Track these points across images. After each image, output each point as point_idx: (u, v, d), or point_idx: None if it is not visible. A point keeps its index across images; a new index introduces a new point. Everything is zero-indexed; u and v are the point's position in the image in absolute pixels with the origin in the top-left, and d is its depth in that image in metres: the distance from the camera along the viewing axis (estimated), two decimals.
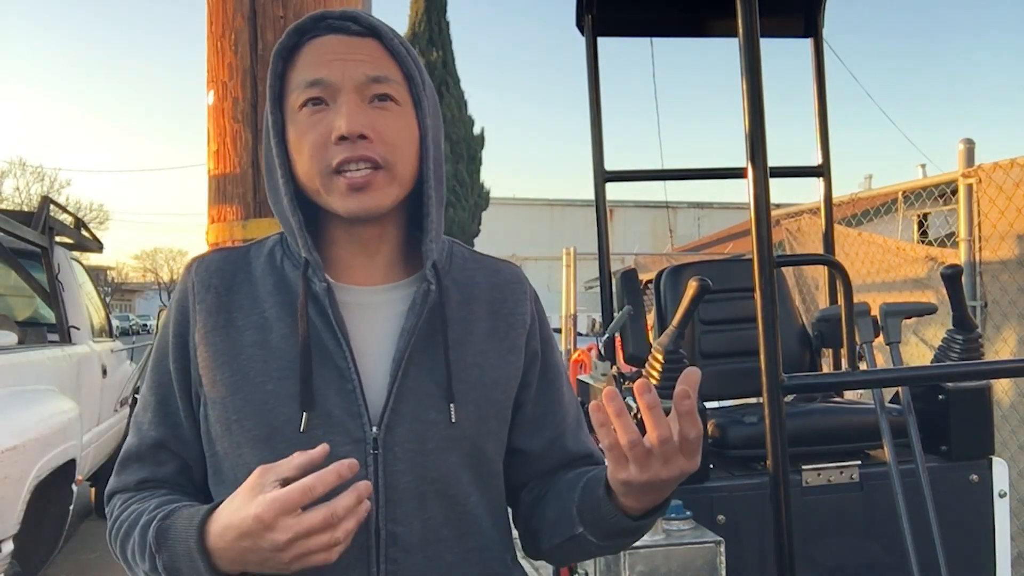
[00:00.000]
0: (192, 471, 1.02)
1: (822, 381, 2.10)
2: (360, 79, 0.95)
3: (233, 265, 1.03)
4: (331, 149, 0.93)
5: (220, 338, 0.97)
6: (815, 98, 2.87)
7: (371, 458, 0.94)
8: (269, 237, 1.08)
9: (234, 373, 0.96)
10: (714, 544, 1.70)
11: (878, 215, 5.80)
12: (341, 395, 0.95)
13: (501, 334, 1.05)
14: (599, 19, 2.79)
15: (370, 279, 1.02)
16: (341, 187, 0.94)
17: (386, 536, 0.94)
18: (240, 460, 0.95)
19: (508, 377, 1.05)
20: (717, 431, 2.15)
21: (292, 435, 0.93)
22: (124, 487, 1.02)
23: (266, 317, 0.98)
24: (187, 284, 1.03)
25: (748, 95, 1.27)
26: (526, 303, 1.10)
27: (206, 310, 0.99)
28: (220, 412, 0.96)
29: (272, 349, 0.96)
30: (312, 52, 0.96)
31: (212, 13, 2.25)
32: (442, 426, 0.97)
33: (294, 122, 0.96)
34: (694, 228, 28.23)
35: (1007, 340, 3.50)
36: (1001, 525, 2.10)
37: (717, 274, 2.25)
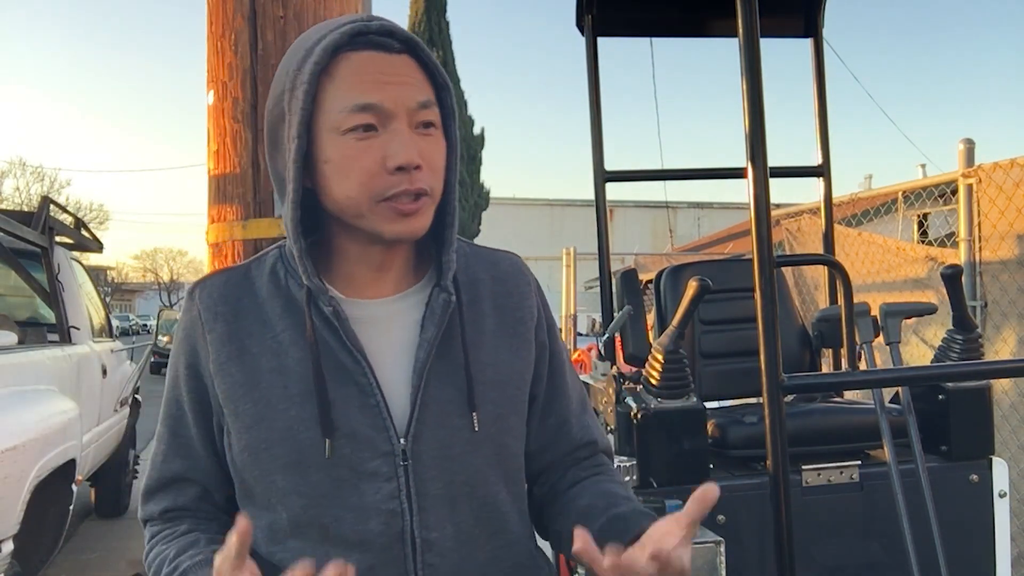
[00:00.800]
0: (213, 496, 1.04)
1: (822, 381, 2.10)
2: (412, 106, 0.93)
3: (236, 289, 1.02)
4: (385, 178, 0.92)
5: (236, 368, 0.97)
6: (815, 98, 2.87)
7: (401, 469, 0.95)
8: (268, 253, 1.06)
9: (256, 403, 0.96)
10: (714, 544, 1.70)
11: (878, 215, 5.80)
12: (364, 411, 0.95)
13: (510, 330, 1.06)
14: (599, 19, 2.79)
15: (380, 292, 1.02)
16: (390, 214, 0.94)
17: (421, 544, 0.95)
18: (273, 487, 0.96)
19: (522, 371, 1.06)
20: (717, 431, 2.15)
21: (319, 458, 0.94)
22: (151, 516, 1.05)
23: (279, 341, 0.98)
24: (192, 313, 1.02)
25: (748, 95, 1.27)
26: (530, 295, 1.10)
27: (217, 340, 0.99)
28: (247, 442, 0.97)
29: (289, 374, 0.96)
30: (353, 72, 0.93)
31: (212, 13, 2.25)
32: (465, 431, 0.98)
33: (336, 144, 0.93)
34: (694, 228, 28.22)
35: (1007, 340, 3.50)
36: (1001, 525, 2.10)
37: (717, 274, 2.25)
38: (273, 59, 2.17)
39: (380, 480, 0.95)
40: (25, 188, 32.55)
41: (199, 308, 1.01)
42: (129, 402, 5.57)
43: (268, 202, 2.17)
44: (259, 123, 2.15)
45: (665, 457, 1.96)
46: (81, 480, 3.90)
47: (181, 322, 1.04)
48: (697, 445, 1.98)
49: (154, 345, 6.69)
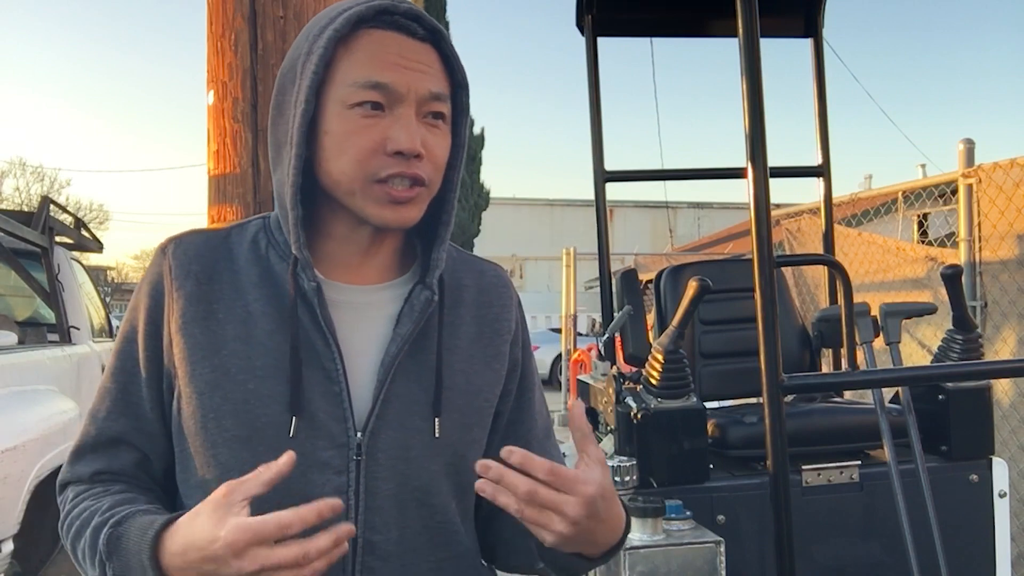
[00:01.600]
0: (151, 464, 0.97)
1: (822, 381, 2.10)
2: (424, 94, 0.92)
3: (214, 251, 0.97)
4: (383, 159, 0.90)
5: (200, 330, 0.92)
6: (815, 98, 2.87)
7: (353, 464, 0.92)
8: (250, 221, 1.03)
9: (214, 369, 0.91)
10: (714, 544, 1.70)
11: (878, 215, 5.80)
12: (327, 398, 0.92)
13: (486, 340, 1.04)
14: (599, 19, 2.79)
15: (362, 278, 1.00)
16: (381, 197, 0.91)
17: (363, 544, 0.92)
18: (214, 460, 0.91)
19: (491, 384, 1.04)
20: (717, 431, 2.15)
21: (273, 437, 0.90)
22: (78, 478, 0.97)
23: (250, 311, 0.94)
24: (162, 267, 0.96)
25: (748, 95, 1.27)
26: (511, 308, 1.08)
27: (185, 298, 0.94)
28: (195, 408, 0.91)
29: (255, 345, 0.92)
30: (372, 48, 0.91)
31: (212, 13, 2.25)
32: (426, 434, 0.95)
33: (339, 117, 0.91)
34: (694, 228, 28.20)
35: (1007, 340, 3.50)
36: (1001, 525, 2.10)
37: (717, 274, 2.25)
38: (273, 59, 2.18)
39: (330, 472, 0.91)
40: (25, 188, 32.55)
41: (171, 263, 0.96)
42: None
43: (268, 202, 2.17)
44: (259, 123, 2.15)
45: (665, 457, 1.96)
46: None
47: (147, 275, 0.98)
48: (697, 445, 1.98)
49: None
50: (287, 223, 0.94)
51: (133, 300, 0.99)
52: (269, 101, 1.02)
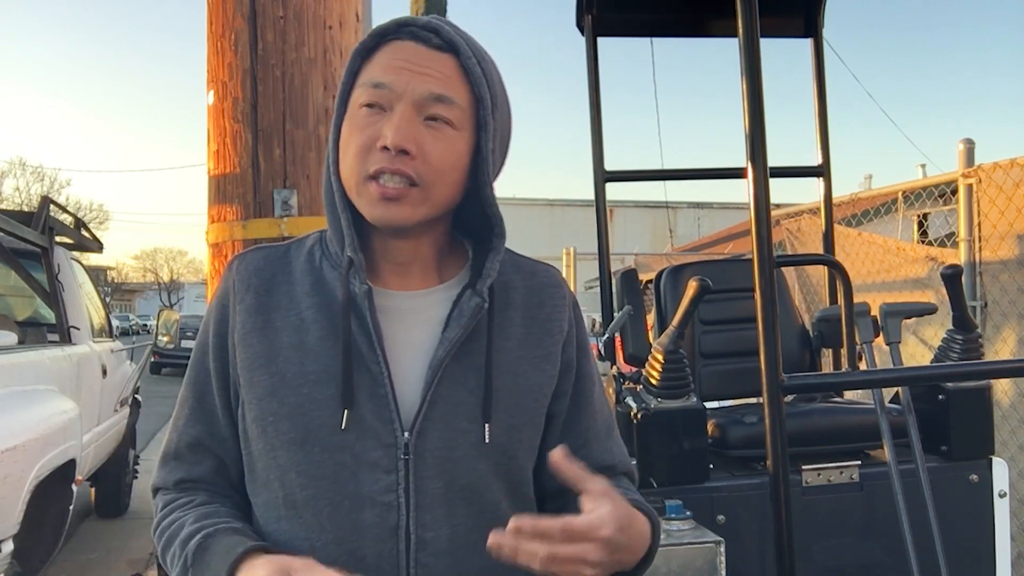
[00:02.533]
0: (228, 470, 1.04)
1: (822, 381, 2.10)
2: (423, 94, 0.94)
3: (273, 264, 1.04)
4: (373, 155, 0.93)
5: (258, 339, 0.98)
6: (815, 98, 2.87)
7: (401, 463, 0.95)
8: (310, 236, 1.08)
9: (271, 376, 0.97)
10: (714, 544, 1.70)
11: (878, 215, 5.80)
12: (373, 400, 0.95)
13: (536, 341, 1.04)
14: (599, 19, 2.79)
15: (404, 286, 1.03)
16: (372, 194, 0.94)
17: (416, 541, 0.94)
18: (274, 462, 0.96)
19: (541, 385, 1.04)
20: (717, 431, 2.15)
21: (326, 438, 0.94)
22: (164, 484, 1.05)
23: (303, 318, 0.99)
24: (228, 283, 1.04)
25: (748, 95, 1.27)
26: (564, 309, 1.08)
27: (246, 310, 1.00)
28: (257, 413, 0.97)
29: (308, 351, 0.97)
30: (386, 55, 0.96)
31: (212, 13, 2.25)
32: (472, 435, 0.97)
33: (351, 119, 0.97)
34: (694, 228, 28.18)
35: (1007, 340, 3.50)
36: (1001, 525, 2.10)
37: (717, 274, 2.25)
38: (273, 59, 2.18)
39: (379, 471, 0.94)
40: (25, 188, 32.56)
41: (235, 279, 1.03)
42: (129, 402, 5.57)
43: (268, 202, 2.17)
44: (259, 123, 2.14)
45: (665, 457, 1.96)
46: (81, 480, 3.90)
47: (217, 291, 1.06)
48: (697, 445, 1.98)
49: (154, 345, 6.68)
50: (339, 227, 0.98)
51: (206, 315, 1.07)
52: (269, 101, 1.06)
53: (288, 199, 2.18)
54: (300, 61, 2.21)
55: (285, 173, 2.18)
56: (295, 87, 2.20)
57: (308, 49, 2.22)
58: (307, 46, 2.22)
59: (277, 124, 2.17)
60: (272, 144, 2.16)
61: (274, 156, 2.16)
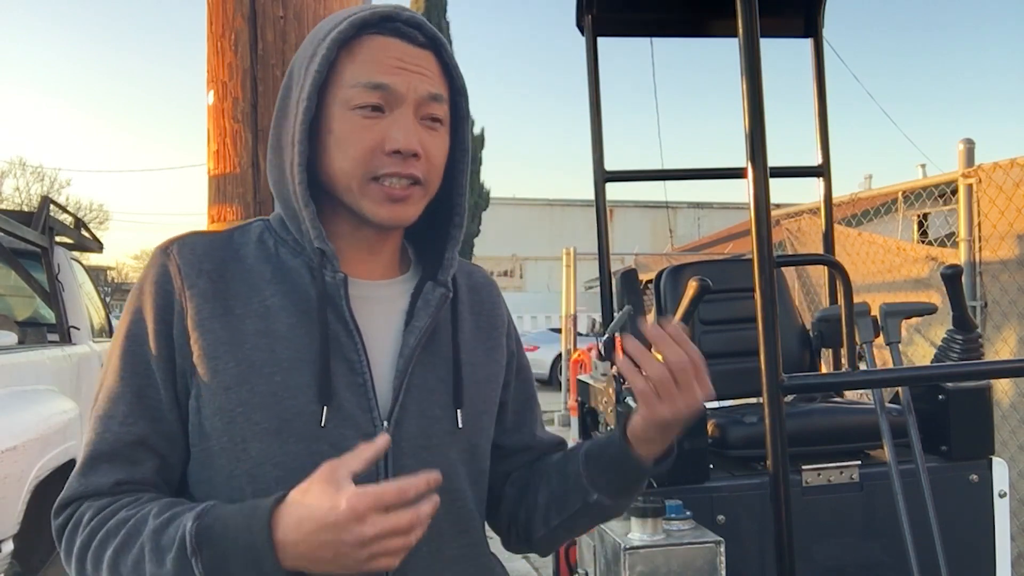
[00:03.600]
0: (172, 469, 0.96)
1: (822, 381, 2.10)
2: (423, 95, 0.95)
3: (221, 250, 0.99)
4: (380, 158, 0.94)
5: (219, 325, 0.93)
6: (815, 98, 2.87)
7: None
8: (251, 223, 1.05)
9: (238, 363, 0.92)
10: (714, 544, 1.70)
11: (878, 215, 5.80)
12: (351, 389, 0.95)
13: (485, 333, 1.10)
14: (599, 19, 2.79)
15: (370, 274, 1.03)
16: (378, 195, 0.95)
17: None
18: (244, 454, 0.92)
19: (495, 374, 1.10)
20: (717, 431, 2.14)
21: (303, 428, 0.92)
22: (96, 491, 0.91)
23: (267, 306, 0.96)
24: (168, 267, 0.96)
25: (748, 95, 1.27)
26: (500, 304, 1.15)
27: (200, 295, 0.94)
28: (221, 404, 0.92)
29: (278, 339, 0.94)
30: (374, 52, 0.95)
31: (212, 13, 2.25)
32: (445, 422, 1.00)
33: (341, 118, 0.94)
34: (694, 228, 28.20)
35: (1007, 340, 3.50)
36: (1001, 525, 2.10)
37: (717, 274, 2.25)
38: (273, 59, 2.18)
39: None
40: (25, 188, 32.54)
41: (178, 263, 0.96)
42: None
43: (268, 202, 2.17)
44: (259, 123, 2.15)
45: None
46: None
47: (149, 276, 0.96)
48: (697, 445, 1.98)
49: None
50: (301, 221, 0.96)
51: (134, 302, 0.97)
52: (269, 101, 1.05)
53: None
54: None
55: None
56: None
57: None
58: None
59: None
60: None
61: None
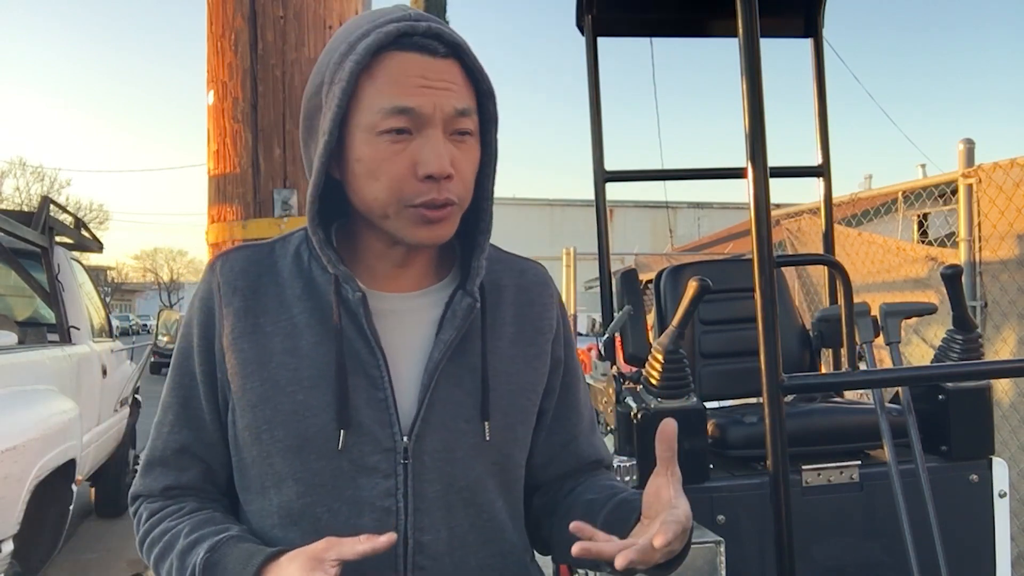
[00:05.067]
0: (217, 475, 1.02)
1: (822, 381, 2.10)
2: (449, 112, 0.91)
3: (258, 265, 1.01)
4: (414, 184, 0.91)
5: (248, 344, 0.96)
6: (815, 98, 2.87)
7: (400, 467, 0.95)
8: (294, 234, 1.05)
9: (264, 382, 0.95)
10: (714, 544, 1.70)
11: (878, 215, 5.80)
12: (372, 404, 0.95)
13: (528, 339, 1.06)
14: (599, 19, 2.79)
15: (401, 286, 1.02)
16: (415, 218, 0.93)
17: (414, 545, 0.95)
18: (270, 469, 0.95)
19: (534, 383, 1.06)
20: (717, 431, 2.14)
21: (323, 446, 0.93)
22: (149, 492, 1.02)
23: (295, 323, 0.97)
24: (212, 284, 1.00)
25: (748, 95, 1.27)
26: (552, 307, 1.10)
27: (233, 313, 0.98)
28: (250, 420, 0.96)
29: (302, 357, 0.95)
30: (395, 73, 0.90)
31: (212, 13, 2.26)
32: (470, 435, 0.98)
33: (369, 144, 0.91)
34: (694, 228, 28.19)
35: (1007, 340, 3.50)
36: (1001, 525, 2.10)
37: (717, 274, 2.25)
38: (273, 59, 2.17)
39: (378, 476, 0.94)
40: (25, 188, 32.54)
41: (219, 280, 1.00)
42: (129, 402, 5.57)
43: (268, 202, 2.17)
44: (259, 123, 2.14)
45: None
46: (81, 480, 3.91)
47: (199, 293, 1.02)
48: (697, 445, 1.98)
49: (154, 345, 6.68)
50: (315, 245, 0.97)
51: (187, 317, 1.03)
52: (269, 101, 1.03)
53: (288, 199, 2.18)
54: (300, 61, 2.21)
55: (285, 173, 2.18)
56: (295, 87, 2.20)
57: (308, 49, 2.22)
58: (307, 46, 2.22)
59: (277, 124, 2.17)
60: (272, 144, 2.16)
61: (274, 156, 2.16)
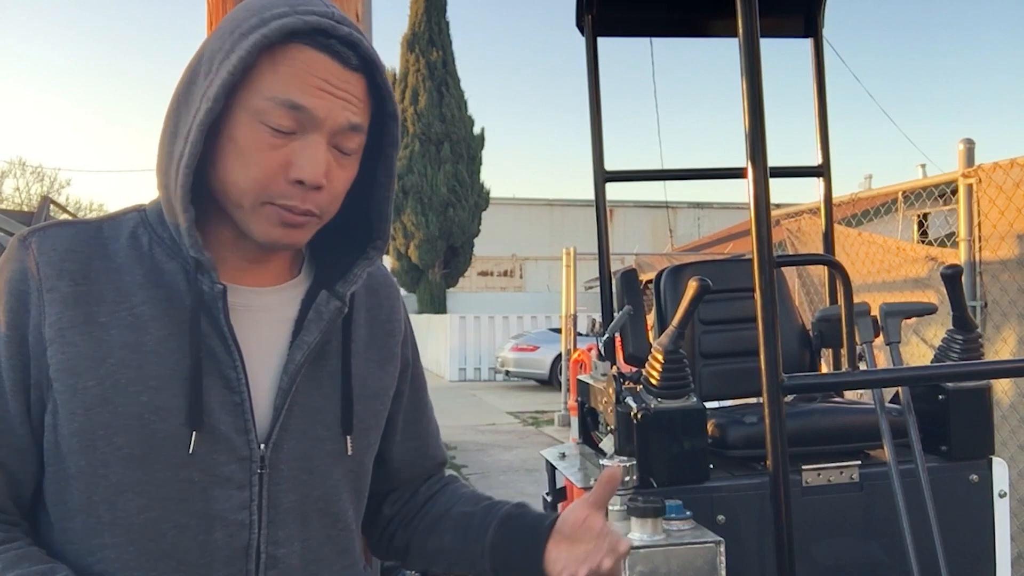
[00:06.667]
0: (22, 487, 0.87)
1: (822, 381, 2.10)
2: (342, 124, 0.86)
3: (87, 246, 0.88)
4: (280, 184, 0.85)
5: (81, 337, 0.84)
6: (815, 98, 2.87)
7: (256, 478, 0.88)
8: (126, 215, 0.93)
9: (101, 381, 0.83)
10: (714, 544, 1.70)
11: (878, 215, 5.80)
12: (227, 408, 0.87)
13: (380, 343, 1.03)
14: (599, 19, 2.79)
15: (252, 281, 0.94)
16: (271, 217, 0.86)
17: (266, 560, 0.89)
18: (103, 481, 0.84)
19: (386, 388, 1.03)
20: (717, 431, 2.14)
21: (171, 453, 0.84)
22: None
23: (137, 314, 0.86)
24: (24, 264, 0.85)
25: (748, 95, 1.27)
26: (399, 308, 1.08)
27: (60, 300, 0.84)
28: (81, 425, 0.83)
29: (147, 354, 0.85)
30: (298, 67, 0.84)
31: (212, 13, 2.25)
32: (327, 443, 0.94)
33: (248, 127, 0.84)
34: (694, 228, 28.22)
35: (1007, 340, 3.50)
36: (1001, 525, 2.10)
37: (717, 274, 2.25)
38: None
39: (232, 487, 0.87)
40: (25, 188, 32.54)
41: (36, 260, 0.85)
42: None
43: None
44: None
45: (665, 457, 1.96)
46: None
47: (3, 272, 0.86)
48: (697, 445, 1.98)
49: None
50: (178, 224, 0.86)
51: None
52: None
53: None
54: None
55: None
56: None
57: None
58: None
59: None
60: None
61: None
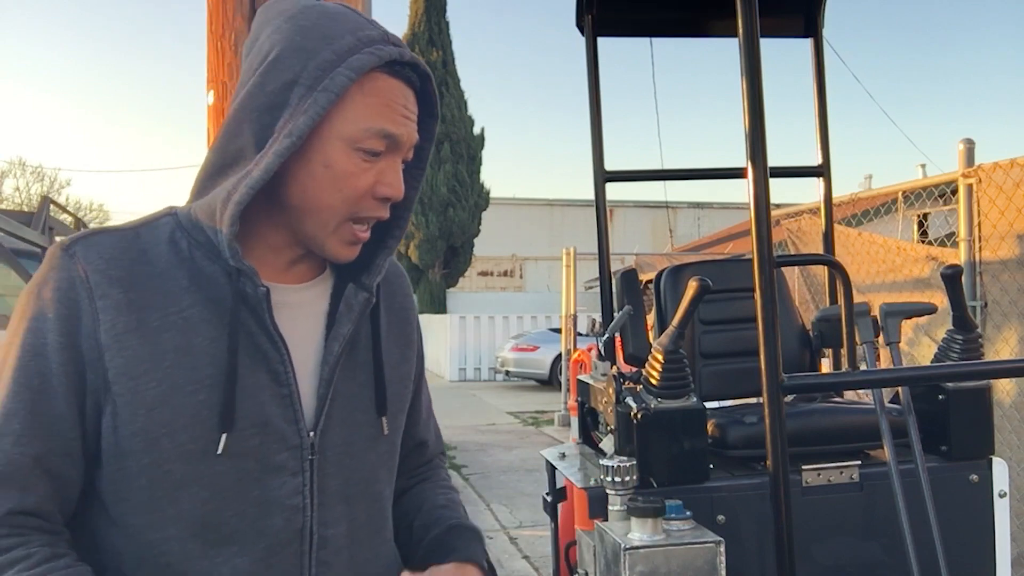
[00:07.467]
0: (68, 491, 0.90)
1: (822, 381, 2.10)
2: (413, 143, 0.97)
3: (128, 252, 0.91)
4: (368, 201, 0.94)
5: (137, 341, 0.87)
6: (815, 98, 2.87)
7: (307, 464, 0.94)
8: (160, 219, 0.97)
9: (159, 383, 0.87)
10: (714, 544, 1.70)
11: (878, 215, 5.80)
12: (276, 401, 0.93)
13: (399, 330, 1.10)
14: (599, 19, 2.79)
15: (288, 279, 1.01)
16: (347, 236, 0.96)
17: (318, 540, 0.95)
18: (167, 477, 0.88)
19: (409, 372, 1.11)
20: (717, 431, 2.14)
21: (228, 446, 0.90)
22: None
23: (186, 317, 0.90)
24: (73, 273, 0.88)
25: (748, 95, 1.27)
26: (411, 296, 1.15)
27: (113, 307, 0.87)
28: (143, 425, 0.87)
29: (199, 354, 0.89)
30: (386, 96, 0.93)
31: (212, 13, 2.26)
32: (366, 427, 1.01)
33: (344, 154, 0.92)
34: (694, 228, 28.22)
35: (1007, 340, 3.50)
36: (1001, 525, 2.10)
37: (717, 274, 2.25)
38: None
39: (286, 474, 0.93)
40: (25, 188, 32.54)
41: (84, 269, 0.88)
42: None
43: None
44: None
45: (665, 457, 1.96)
46: None
47: (50, 282, 0.89)
48: (697, 445, 1.98)
49: None
50: (220, 234, 0.90)
51: (30, 309, 0.89)
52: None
53: None
54: None
55: None
56: None
57: None
58: None
59: None
60: None
61: None
